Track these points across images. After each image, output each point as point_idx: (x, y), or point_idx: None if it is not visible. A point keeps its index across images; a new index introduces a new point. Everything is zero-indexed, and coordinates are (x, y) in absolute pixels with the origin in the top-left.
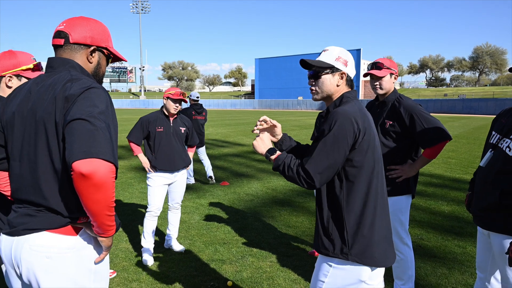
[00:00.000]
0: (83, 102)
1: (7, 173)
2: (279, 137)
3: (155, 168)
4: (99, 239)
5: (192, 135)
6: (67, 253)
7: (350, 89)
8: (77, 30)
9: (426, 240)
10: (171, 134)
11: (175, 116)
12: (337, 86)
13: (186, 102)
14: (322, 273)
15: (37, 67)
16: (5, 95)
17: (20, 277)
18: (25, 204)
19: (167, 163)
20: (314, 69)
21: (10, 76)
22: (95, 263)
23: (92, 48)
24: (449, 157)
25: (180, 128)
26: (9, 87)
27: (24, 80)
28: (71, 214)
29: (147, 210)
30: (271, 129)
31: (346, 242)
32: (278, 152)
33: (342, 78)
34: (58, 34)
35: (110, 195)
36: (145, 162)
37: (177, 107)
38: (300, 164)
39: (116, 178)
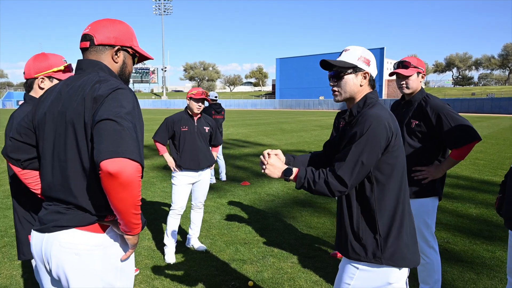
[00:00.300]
0: (110, 103)
1: (37, 172)
2: (284, 161)
3: (180, 167)
4: (125, 237)
5: (215, 135)
6: (95, 250)
7: (372, 90)
8: (101, 32)
9: (453, 243)
10: (195, 134)
11: (199, 115)
12: (360, 86)
13: (209, 101)
14: (347, 276)
15: (68, 68)
16: (38, 96)
17: (49, 272)
18: (55, 202)
19: (191, 162)
20: (336, 69)
21: (43, 78)
22: (121, 261)
23: (116, 48)
24: (477, 158)
25: (204, 127)
26: (42, 88)
27: (55, 82)
28: (99, 212)
29: (171, 208)
30: None
31: (379, 246)
32: (294, 170)
33: (365, 78)
34: (84, 37)
35: (136, 194)
36: (170, 161)
37: (200, 106)
38: (331, 171)
39: (142, 177)
